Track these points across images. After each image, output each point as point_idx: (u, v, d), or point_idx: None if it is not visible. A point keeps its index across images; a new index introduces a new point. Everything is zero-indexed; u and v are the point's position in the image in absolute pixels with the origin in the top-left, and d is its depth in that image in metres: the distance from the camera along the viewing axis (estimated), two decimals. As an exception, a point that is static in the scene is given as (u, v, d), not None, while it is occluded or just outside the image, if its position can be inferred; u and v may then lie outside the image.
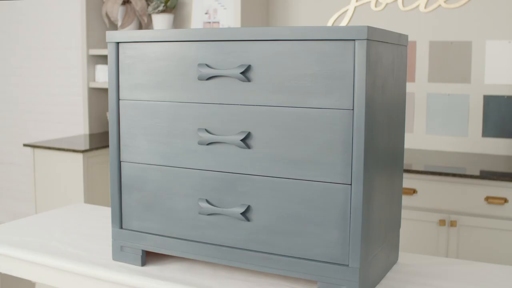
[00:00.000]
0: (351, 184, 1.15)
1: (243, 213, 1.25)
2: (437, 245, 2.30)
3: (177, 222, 1.35)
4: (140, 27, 3.55)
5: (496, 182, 2.17)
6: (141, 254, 1.40)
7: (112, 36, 1.38)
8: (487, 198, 2.18)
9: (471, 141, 2.68)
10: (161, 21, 3.35)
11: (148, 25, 3.45)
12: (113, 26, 3.60)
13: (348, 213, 1.16)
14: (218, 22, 3.28)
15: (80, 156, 2.91)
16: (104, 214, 1.89)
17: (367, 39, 1.09)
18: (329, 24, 2.96)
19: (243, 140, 1.23)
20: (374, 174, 1.20)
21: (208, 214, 1.30)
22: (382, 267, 1.32)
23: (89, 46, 3.44)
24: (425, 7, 2.71)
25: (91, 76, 3.48)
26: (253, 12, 3.08)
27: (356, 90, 1.12)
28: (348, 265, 1.17)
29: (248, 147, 1.24)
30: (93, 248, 1.52)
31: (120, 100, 1.40)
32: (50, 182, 3.05)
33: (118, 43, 1.38)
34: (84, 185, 2.92)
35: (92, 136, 3.40)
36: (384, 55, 1.21)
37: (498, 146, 2.64)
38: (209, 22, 3.31)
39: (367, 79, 1.11)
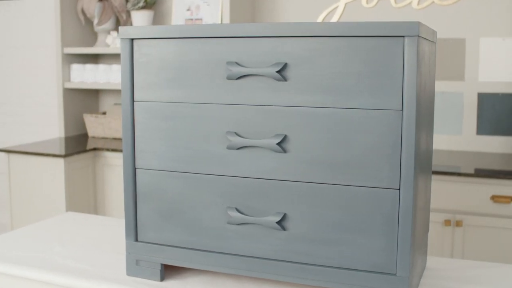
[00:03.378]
0: (399, 189, 1.08)
1: (278, 222, 1.17)
2: (442, 245, 2.27)
3: (201, 233, 1.25)
4: (118, 24, 3.40)
5: (502, 181, 2.16)
6: (159, 268, 1.30)
7: (126, 32, 1.26)
8: (493, 197, 2.16)
9: (466, 139, 2.68)
10: (140, 18, 3.21)
11: (127, 22, 3.31)
12: (89, 24, 3.43)
13: (395, 219, 1.09)
14: (201, 19, 3.17)
15: (61, 161, 2.74)
16: (100, 223, 1.77)
17: (418, 36, 1.03)
18: (319, 20, 2.90)
19: (278, 143, 1.14)
20: (418, 177, 1.14)
21: (238, 224, 1.21)
22: (419, 273, 1.26)
23: (64, 44, 3.27)
24: (418, 4, 2.69)
25: (66, 76, 3.31)
26: (238, 7, 2.98)
27: (405, 90, 1.05)
28: (395, 274, 1.10)
29: (284, 151, 1.15)
30: (100, 262, 1.41)
31: (134, 102, 1.28)
32: (26, 190, 2.86)
33: (132, 39, 1.26)
34: (66, 192, 2.76)
35: (68, 139, 3.23)
36: (426, 53, 1.15)
37: (493, 144, 2.64)
38: (191, 19, 3.19)
39: (417, 78, 1.04)
